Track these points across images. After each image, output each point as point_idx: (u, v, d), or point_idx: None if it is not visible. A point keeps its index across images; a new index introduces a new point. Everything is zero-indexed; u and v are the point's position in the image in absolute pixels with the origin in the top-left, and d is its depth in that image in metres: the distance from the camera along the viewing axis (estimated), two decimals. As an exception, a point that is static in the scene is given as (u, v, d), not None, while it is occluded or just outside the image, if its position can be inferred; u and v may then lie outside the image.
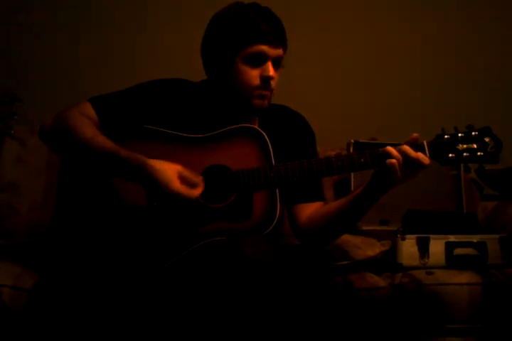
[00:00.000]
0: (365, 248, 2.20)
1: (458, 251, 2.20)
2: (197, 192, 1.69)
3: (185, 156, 1.78)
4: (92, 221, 1.75)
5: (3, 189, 2.36)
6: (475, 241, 2.21)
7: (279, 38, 1.80)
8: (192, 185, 1.69)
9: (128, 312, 1.71)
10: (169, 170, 1.68)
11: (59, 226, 1.77)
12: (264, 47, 1.77)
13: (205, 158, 1.78)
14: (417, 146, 1.70)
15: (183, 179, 1.69)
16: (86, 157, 1.74)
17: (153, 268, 1.71)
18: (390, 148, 1.68)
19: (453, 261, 2.19)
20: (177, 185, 1.67)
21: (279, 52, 1.80)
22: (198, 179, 1.71)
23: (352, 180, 2.52)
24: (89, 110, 1.79)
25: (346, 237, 2.21)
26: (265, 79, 1.79)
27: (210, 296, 1.60)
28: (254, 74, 1.79)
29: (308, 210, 1.89)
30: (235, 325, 1.54)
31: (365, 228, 2.45)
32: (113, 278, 1.69)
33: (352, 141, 2.57)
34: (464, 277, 2.12)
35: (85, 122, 1.75)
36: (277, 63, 1.82)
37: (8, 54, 2.82)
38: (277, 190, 1.75)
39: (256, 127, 1.83)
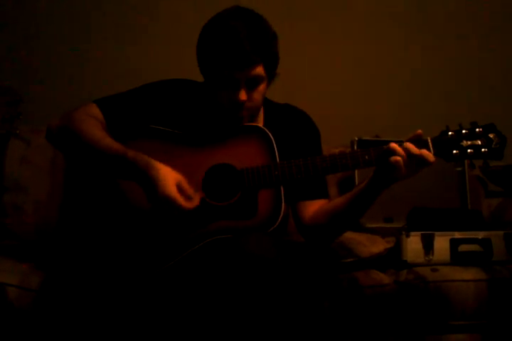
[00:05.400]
0: (370, 245, 2.20)
1: (463, 247, 2.19)
2: (189, 205, 1.68)
3: (191, 155, 1.78)
4: (97, 220, 1.75)
5: (8, 188, 2.37)
6: (480, 237, 2.21)
7: (253, 57, 1.71)
8: (187, 197, 1.68)
9: (133, 311, 1.71)
10: (171, 175, 1.68)
11: (64, 225, 1.77)
12: (233, 73, 1.72)
13: (210, 156, 1.79)
14: (421, 143, 1.69)
15: (180, 189, 1.68)
16: (93, 158, 1.75)
17: (158, 267, 1.71)
18: (394, 145, 1.67)
19: (458, 258, 2.18)
20: (173, 190, 1.66)
21: (254, 71, 1.73)
22: (196, 194, 1.70)
23: (356, 177, 2.53)
24: (96, 111, 1.80)
25: (351, 235, 2.22)
26: (237, 104, 1.76)
27: (215, 294, 1.61)
28: (227, 97, 1.76)
29: (313, 207, 1.90)
30: (241, 322, 1.54)
31: (369, 225, 2.45)
32: (118, 276, 1.70)
33: (356, 138, 2.57)
34: (469, 274, 2.12)
35: (92, 123, 1.76)
36: (254, 82, 1.75)
37: (12, 54, 2.82)
38: (282, 188, 1.75)
39: (261, 126, 1.83)
